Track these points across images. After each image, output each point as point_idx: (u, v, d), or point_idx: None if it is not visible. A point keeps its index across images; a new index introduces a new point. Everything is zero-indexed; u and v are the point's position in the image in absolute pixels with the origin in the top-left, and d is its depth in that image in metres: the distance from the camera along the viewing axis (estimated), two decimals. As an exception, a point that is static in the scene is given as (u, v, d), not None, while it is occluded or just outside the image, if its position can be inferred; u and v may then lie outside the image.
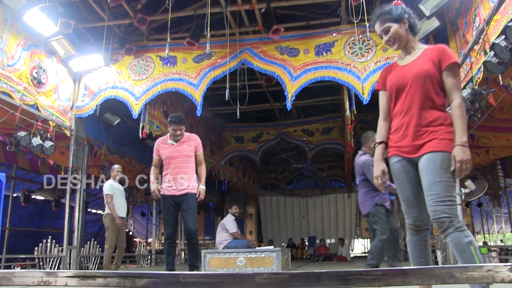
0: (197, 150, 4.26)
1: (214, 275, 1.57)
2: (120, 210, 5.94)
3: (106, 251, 5.89)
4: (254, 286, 1.45)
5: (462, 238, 1.99)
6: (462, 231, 2.00)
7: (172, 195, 4.12)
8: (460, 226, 2.01)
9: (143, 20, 6.43)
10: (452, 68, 2.12)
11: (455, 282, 1.43)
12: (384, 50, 6.30)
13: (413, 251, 2.24)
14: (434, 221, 2.06)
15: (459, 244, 1.99)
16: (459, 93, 2.12)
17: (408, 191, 2.21)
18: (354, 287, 1.41)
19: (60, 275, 1.59)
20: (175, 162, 4.16)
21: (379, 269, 1.43)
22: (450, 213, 2.02)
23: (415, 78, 2.18)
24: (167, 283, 1.51)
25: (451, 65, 2.11)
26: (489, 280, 1.42)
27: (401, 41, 2.28)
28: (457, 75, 2.13)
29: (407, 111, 2.20)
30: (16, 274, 1.64)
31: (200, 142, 4.33)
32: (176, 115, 4.22)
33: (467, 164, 1.99)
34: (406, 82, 2.21)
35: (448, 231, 2.02)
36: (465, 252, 1.97)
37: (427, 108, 2.15)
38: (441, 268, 1.48)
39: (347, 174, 12.94)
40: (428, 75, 2.14)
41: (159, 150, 4.26)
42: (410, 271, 1.44)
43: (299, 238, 15.39)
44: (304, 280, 1.44)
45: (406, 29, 2.26)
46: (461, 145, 2.02)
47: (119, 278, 1.53)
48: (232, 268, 5.99)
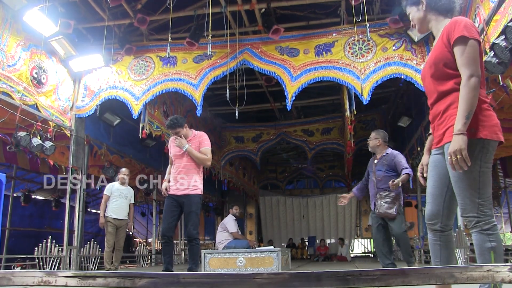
0: (201, 145, 4.21)
1: (214, 275, 1.58)
2: (114, 212, 5.92)
3: (105, 253, 5.93)
4: (254, 286, 1.45)
5: (485, 242, 1.86)
6: (488, 235, 1.86)
7: (174, 195, 4.13)
8: (488, 228, 1.86)
9: (143, 20, 6.43)
10: (457, 43, 1.90)
11: (455, 282, 1.43)
12: (384, 50, 6.30)
13: (430, 250, 2.13)
14: (463, 218, 1.96)
15: (480, 247, 1.88)
16: (467, 70, 1.87)
17: (430, 187, 2.07)
18: (354, 287, 1.41)
19: (60, 275, 1.59)
20: (178, 162, 4.18)
21: (379, 269, 1.44)
22: (478, 212, 1.87)
23: (429, 68, 2.07)
24: (167, 283, 1.51)
25: (456, 40, 1.90)
26: (489, 280, 1.42)
27: (420, 24, 2.15)
28: (464, 51, 1.88)
29: (430, 99, 2.07)
30: (16, 274, 1.64)
31: (205, 138, 4.28)
32: (171, 119, 4.19)
33: (457, 154, 1.79)
34: (425, 72, 2.11)
35: (473, 230, 1.90)
36: (483, 256, 1.87)
37: (443, 94, 1.99)
38: (441, 268, 1.48)
39: (347, 174, 12.95)
40: (438, 62, 2.00)
41: (170, 148, 4.31)
42: (410, 271, 1.44)
43: (299, 238, 15.38)
44: (304, 280, 1.44)
45: (424, 10, 2.10)
46: (454, 133, 1.83)
47: (119, 278, 1.53)
48: (232, 268, 5.98)
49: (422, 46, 6.18)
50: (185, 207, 4.09)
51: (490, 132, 1.88)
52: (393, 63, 6.21)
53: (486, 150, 1.88)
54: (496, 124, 1.91)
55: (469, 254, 5.43)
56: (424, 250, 8.65)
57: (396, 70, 6.18)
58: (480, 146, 1.87)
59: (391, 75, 6.20)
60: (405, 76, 6.19)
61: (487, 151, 1.88)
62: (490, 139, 1.88)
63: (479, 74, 1.88)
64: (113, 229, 5.93)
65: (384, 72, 6.20)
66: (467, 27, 1.90)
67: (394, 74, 6.20)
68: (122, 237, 6.13)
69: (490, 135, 1.88)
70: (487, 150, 1.88)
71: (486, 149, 1.88)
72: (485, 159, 1.87)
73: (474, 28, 1.93)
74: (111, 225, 5.92)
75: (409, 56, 6.18)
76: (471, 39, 1.88)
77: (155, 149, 9.52)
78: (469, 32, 1.89)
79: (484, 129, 1.88)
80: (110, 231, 5.87)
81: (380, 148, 4.57)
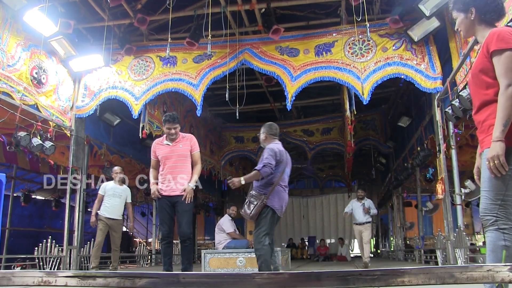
0: (193, 149, 4.22)
1: (214, 275, 1.58)
2: (107, 211, 5.86)
3: (92, 251, 5.97)
4: (254, 286, 1.45)
5: (500, 240, 1.89)
6: (504, 233, 1.89)
7: (167, 195, 4.10)
8: (505, 228, 1.90)
9: (143, 20, 6.43)
10: (494, 55, 1.99)
11: (455, 282, 1.43)
12: (384, 50, 6.30)
13: None
14: (481, 217, 1.99)
15: (494, 244, 1.90)
16: (504, 80, 1.95)
17: (481, 186, 2.10)
18: (354, 287, 1.41)
19: (60, 275, 1.59)
20: (169, 163, 4.14)
21: (379, 269, 1.44)
22: (497, 213, 1.91)
23: (471, 77, 2.15)
24: (167, 283, 1.51)
25: (493, 53, 1.99)
26: (489, 280, 1.42)
27: (466, 32, 2.20)
28: (499, 61, 1.96)
29: (474, 107, 2.15)
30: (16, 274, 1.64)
31: (195, 141, 4.29)
32: (170, 113, 4.21)
33: (495, 160, 1.88)
34: (470, 80, 2.21)
35: (489, 228, 1.94)
36: (495, 252, 1.89)
37: (484, 103, 2.06)
38: (441, 268, 1.48)
39: (347, 174, 12.95)
40: (479, 72, 2.08)
41: (155, 151, 4.25)
42: (410, 271, 1.44)
43: (299, 238, 15.38)
44: (304, 280, 1.44)
45: (472, 19, 2.13)
46: (493, 140, 1.91)
47: (119, 278, 1.53)
48: (232, 268, 5.99)
49: (422, 46, 6.18)
50: (179, 206, 4.06)
51: None
52: (393, 63, 6.21)
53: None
54: None
55: (469, 254, 5.43)
56: (424, 250, 8.65)
57: (396, 70, 6.18)
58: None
59: (391, 75, 6.21)
60: (405, 76, 6.19)
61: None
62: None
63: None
64: (104, 227, 5.76)
65: (384, 72, 6.20)
66: (501, 38, 1.97)
67: (394, 74, 6.20)
68: (117, 237, 6.01)
69: None
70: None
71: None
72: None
73: (509, 36, 1.98)
74: (102, 223, 5.75)
75: (409, 56, 6.18)
76: (506, 50, 1.96)
77: (155, 149, 9.52)
78: (504, 43, 1.96)
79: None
80: (100, 227, 5.74)
81: (267, 142, 4.17)
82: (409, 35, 6.12)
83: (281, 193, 3.87)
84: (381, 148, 11.01)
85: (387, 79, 6.25)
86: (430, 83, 6.00)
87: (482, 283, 1.72)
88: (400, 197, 11.36)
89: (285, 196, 3.94)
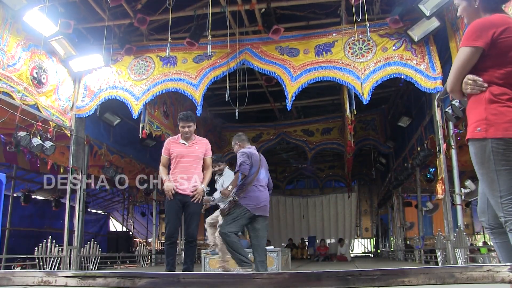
0: (207, 153, 4.27)
1: (214, 275, 1.58)
2: None
3: None
4: (254, 286, 1.45)
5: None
6: None
7: (180, 194, 4.07)
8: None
9: (143, 20, 6.43)
10: None
11: (455, 282, 1.43)
12: (384, 50, 6.30)
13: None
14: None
15: (508, 244, 1.84)
16: None
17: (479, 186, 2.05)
18: (354, 287, 1.41)
19: (60, 275, 1.60)
20: (184, 162, 4.13)
21: (379, 269, 1.44)
22: (503, 212, 1.83)
23: None
24: (167, 283, 1.51)
25: None
26: (489, 280, 1.42)
27: (469, 19, 2.17)
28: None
29: None
30: (16, 274, 1.64)
31: (210, 147, 4.34)
32: (185, 112, 4.28)
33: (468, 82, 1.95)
34: None
35: (507, 230, 1.85)
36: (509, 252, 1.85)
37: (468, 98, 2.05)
38: (441, 268, 1.48)
39: (347, 174, 12.95)
40: None
41: (169, 149, 4.20)
42: (410, 271, 1.44)
43: (299, 238, 15.38)
44: (304, 280, 1.44)
45: (476, 7, 2.09)
46: None
47: (119, 278, 1.53)
48: (232, 268, 5.98)
49: (422, 46, 6.18)
50: (190, 207, 4.06)
51: (496, 130, 1.85)
52: (393, 63, 6.20)
53: (496, 149, 1.85)
54: (508, 120, 1.86)
55: (469, 254, 5.43)
56: (424, 250, 8.65)
57: (396, 70, 6.18)
58: (490, 146, 1.85)
59: (391, 75, 6.21)
60: (405, 76, 6.19)
61: (497, 150, 1.85)
62: (499, 137, 1.85)
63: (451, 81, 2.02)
64: None
65: (384, 72, 6.20)
66: (466, 33, 2.02)
67: (394, 74, 6.20)
68: None
69: (499, 133, 1.85)
70: (497, 149, 1.84)
71: (496, 148, 1.84)
72: (498, 158, 1.84)
73: (473, 29, 1.98)
74: None
75: (409, 56, 6.18)
76: (461, 47, 2.02)
77: (155, 149, 9.50)
78: (464, 39, 2.00)
79: (490, 128, 1.86)
80: None
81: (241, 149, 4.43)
82: (409, 35, 6.12)
83: (255, 192, 4.16)
84: (381, 148, 11.01)
85: (387, 79, 6.24)
86: (430, 83, 6.00)
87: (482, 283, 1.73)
88: (400, 197, 11.36)
89: (261, 195, 4.20)
